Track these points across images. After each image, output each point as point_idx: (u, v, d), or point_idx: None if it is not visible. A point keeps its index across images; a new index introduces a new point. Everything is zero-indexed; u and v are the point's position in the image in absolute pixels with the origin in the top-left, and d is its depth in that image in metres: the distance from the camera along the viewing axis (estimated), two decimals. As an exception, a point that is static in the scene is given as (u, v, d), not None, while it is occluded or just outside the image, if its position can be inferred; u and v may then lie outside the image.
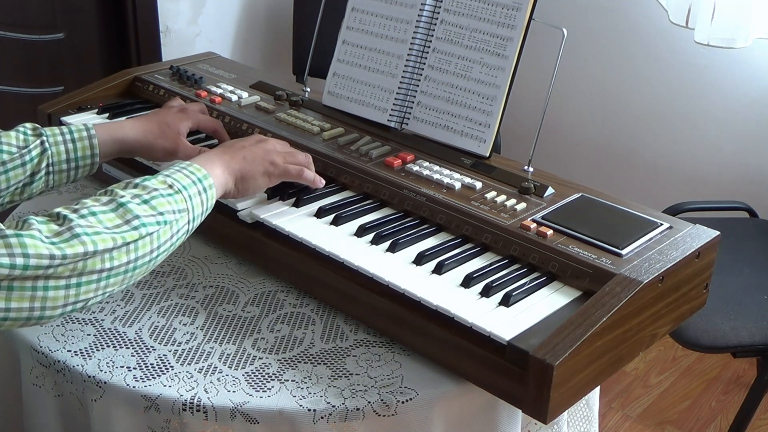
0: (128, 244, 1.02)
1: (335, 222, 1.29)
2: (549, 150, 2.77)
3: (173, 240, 1.09)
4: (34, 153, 1.25)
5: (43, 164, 1.27)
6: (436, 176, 1.35)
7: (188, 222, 1.11)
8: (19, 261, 0.93)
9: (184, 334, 1.21)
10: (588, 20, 2.83)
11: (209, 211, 1.16)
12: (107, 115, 1.63)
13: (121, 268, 1.02)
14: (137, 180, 1.10)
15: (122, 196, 1.05)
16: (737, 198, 2.40)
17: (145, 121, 1.40)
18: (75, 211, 1.02)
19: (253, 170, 1.25)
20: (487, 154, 1.41)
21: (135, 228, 1.03)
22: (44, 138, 1.27)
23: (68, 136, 1.29)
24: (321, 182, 1.34)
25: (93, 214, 1.02)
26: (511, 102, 1.41)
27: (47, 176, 1.28)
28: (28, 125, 1.28)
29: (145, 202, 1.06)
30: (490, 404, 1.14)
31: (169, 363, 1.15)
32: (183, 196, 1.10)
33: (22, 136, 1.25)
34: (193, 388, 1.10)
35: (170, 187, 1.10)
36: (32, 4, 2.48)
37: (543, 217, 1.24)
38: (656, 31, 2.68)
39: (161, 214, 1.06)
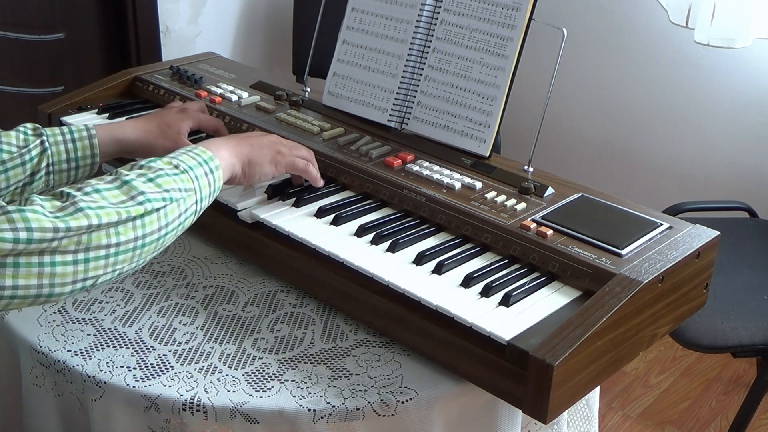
0: (134, 219, 1.02)
1: (335, 222, 1.29)
2: (549, 150, 2.77)
3: (181, 219, 1.08)
4: (34, 153, 1.25)
5: (43, 164, 1.27)
6: (436, 176, 1.35)
7: (196, 202, 1.11)
8: (23, 235, 0.93)
9: (184, 334, 1.21)
10: (588, 20, 2.83)
11: (217, 193, 1.16)
12: (107, 115, 1.64)
13: (129, 244, 1.02)
14: (142, 161, 1.10)
15: (126, 175, 1.06)
16: (737, 198, 2.40)
17: (146, 121, 1.40)
18: (79, 189, 1.02)
19: (260, 156, 1.25)
20: (487, 154, 1.41)
21: (140, 203, 1.03)
22: (44, 138, 1.27)
23: (68, 136, 1.29)
24: (321, 182, 1.35)
25: (97, 191, 1.02)
26: (511, 102, 1.41)
27: (47, 176, 1.28)
28: (29, 125, 1.28)
29: (151, 180, 1.06)
30: (490, 404, 1.14)
31: (169, 363, 1.15)
32: (189, 176, 1.10)
33: (22, 136, 1.25)
34: (193, 388, 1.10)
35: (176, 167, 1.10)
36: (32, 4, 2.48)
37: (543, 217, 1.24)
38: (656, 31, 2.68)
39: (167, 191, 1.06)
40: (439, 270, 1.18)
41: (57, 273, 0.97)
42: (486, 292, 1.13)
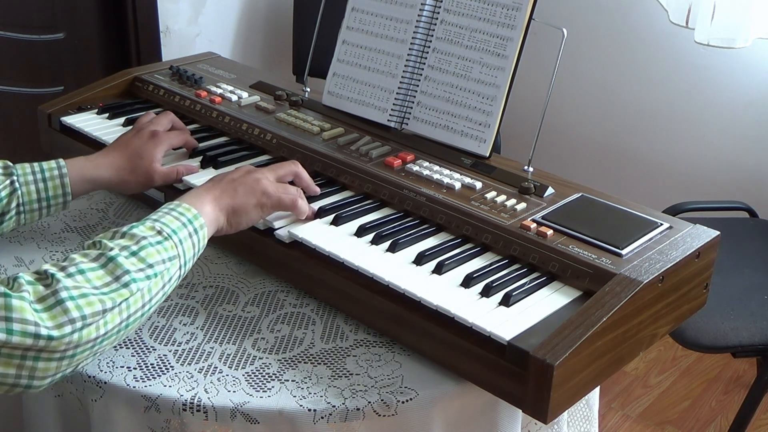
0: (119, 304, 1.00)
1: (335, 222, 1.29)
2: (549, 150, 2.77)
3: (165, 289, 1.07)
4: (2, 194, 1.24)
5: (13, 204, 1.25)
6: (436, 176, 1.35)
7: (179, 267, 1.09)
8: (1, 325, 0.91)
9: (184, 334, 1.21)
10: (588, 20, 2.83)
11: (201, 252, 1.14)
12: (107, 115, 1.63)
13: (114, 329, 1.01)
14: (125, 228, 1.07)
15: (111, 249, 1.03)
16: (737, 198, 2.40)
17: (117, 156, 1.35)
18: (63, 269, 0.99)
19: (245, 203, 1.21)
20: (487, 154, 1.41)
21: (125, 285, 1.01)
22: (14, 178, 1.25)
23: (39, 176, 1.27)
24: (307, 213, 1.28)
25: (81, 272, 0.99)
26: (511, 102, 1.41)
27: (18, 216, 1.27)
28: None
29: (134, 254, 1.03)
30: (490, 404, 1.14)
31: (169, 363, 1.15)
32: (173, 242, 1.08)
33: None
34: (193, 388, 1.10)
35: (159, 233, 1.07)
36: (32, 4, 2.48)
37: (543, 217, 1.24)
38: (656, 31, 2.68)
39: (150, 266, 1.04)
40: (439, 270, 1.18)
41: (39, 368, 0.95)
42: (486, 292, 1.13)
